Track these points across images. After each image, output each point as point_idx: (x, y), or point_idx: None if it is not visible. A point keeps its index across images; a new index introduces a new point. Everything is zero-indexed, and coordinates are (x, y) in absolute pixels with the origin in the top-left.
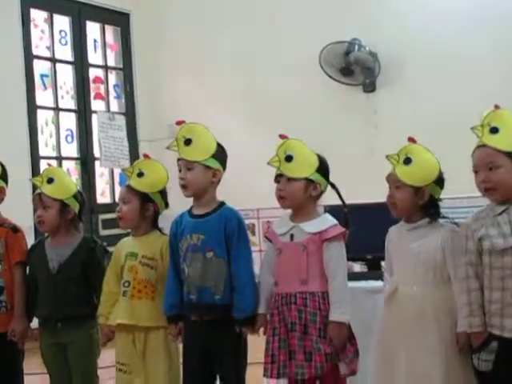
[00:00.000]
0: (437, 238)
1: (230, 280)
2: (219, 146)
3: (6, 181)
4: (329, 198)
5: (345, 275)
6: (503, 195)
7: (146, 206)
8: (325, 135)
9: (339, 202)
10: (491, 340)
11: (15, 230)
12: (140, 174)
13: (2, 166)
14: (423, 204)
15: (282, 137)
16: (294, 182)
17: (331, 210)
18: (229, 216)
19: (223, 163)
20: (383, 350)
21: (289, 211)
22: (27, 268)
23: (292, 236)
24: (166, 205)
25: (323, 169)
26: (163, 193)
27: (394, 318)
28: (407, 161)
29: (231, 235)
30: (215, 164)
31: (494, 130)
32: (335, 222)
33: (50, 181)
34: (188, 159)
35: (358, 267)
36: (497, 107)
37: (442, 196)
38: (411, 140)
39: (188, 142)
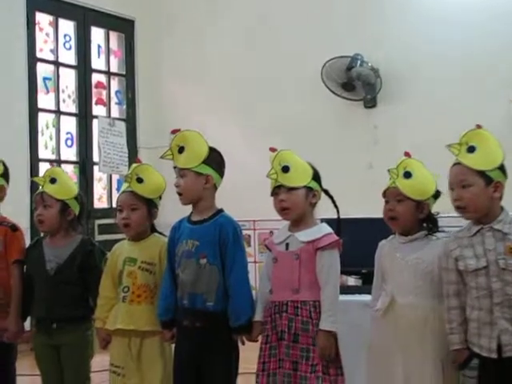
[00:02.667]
0: (434, 251)
1: (224, 287)
2: (214, 151)
3: (7, 180)
4: (323, 211)
5: (337, 284)
6: (473, 214)
7: (151, 212)
8: (325, 149)
9: (333, 216)
10: (473, 357)
11: (14, 228)
12: (139, 180)
13: (4, 165)
14: (422, 217)
15: (272, 150)
16: (294, 192)
17: (327, 223)
18: (224, 224)
19: (218, 169)
20: (378, 362)
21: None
22: (25, 267)
23: (287, 245)
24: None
25: (317, 176)
26: (160, 197)
27: (391, 329)
28: (407, 175)
29: (225, 243)
30: (207, 170)
31: (471, 149)
32: (330, 230)
33: (53, 181)
34: (180, 166)
35: (352, 281)
36: (478, 127)
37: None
38: (407, 154)
39: (181, 149)
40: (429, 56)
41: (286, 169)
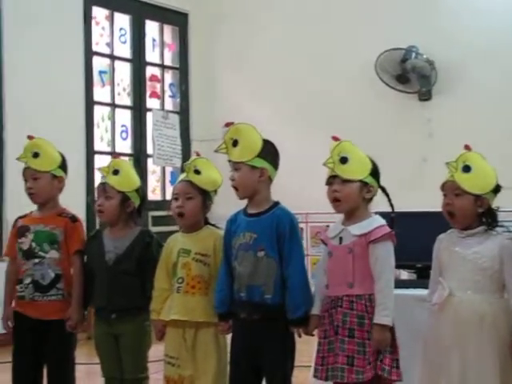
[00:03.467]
0: (494, 245)
1: (281, 280)
2: (268, 143)
3: (65, 171)
4: (377, 205)
5: (390, 277)
6: None
7: (206, 204)
8: (378, 142)
9: (388, 209)
10: None
11: (74, 219)
12: (197, 172)
13: (63, 157)
14: (481, 212)
15: (334, 138)
16: (349, 184)
17: (381, 216)
18: (281, 216)
19: (273, 161)
20: (434, 356)
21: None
22: (85, 257)
23: (341, 239)
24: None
25: (376, 172)
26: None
27: (448, 323)
28: (466, 168)
29: (283, 235)
30: (261, 163)
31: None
32: (383, 222)
33: (116, 172)
34: (234, 160)
35: (405, 275)
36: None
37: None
38: (467, 148)
39: (235, 143)
40: (485, 48)
41: (344, 160)
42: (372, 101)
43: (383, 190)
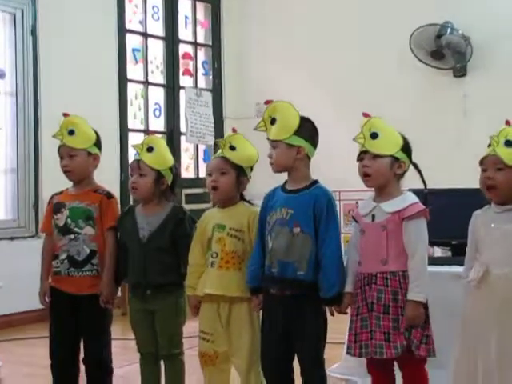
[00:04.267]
0: None
1: (316, 257)
2: (307, 122)
3: (100, 149)
4: (410, 182)
5: (424, 254)
6: None
7: (240, 179)
8: (412, 119)
9: (420, 186)
10: None
11: (109, 196)
12: (232, 148)
13: (97, 134)
14: None
15: (365, 115)
16: (379, 159)
17: (415, 193)
18: (319, 194)
19: (310, 139)
20: (472, 333)
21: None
22: (118, 234)
23: (373, 216)
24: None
25: (407, 148)
26: (252, 168)
27: (485, 300)
28: (508, 143)
29: (320, 214)
30: (298, 141)
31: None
32: (416, 199)
33: (150, 149)
34: (271, 138)
35: (439, 251)
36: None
37: None
38: (508, 123)
39: (273, 121)
40: None
41: (374, 135)
42: (407, 77)
43: (415, 166)
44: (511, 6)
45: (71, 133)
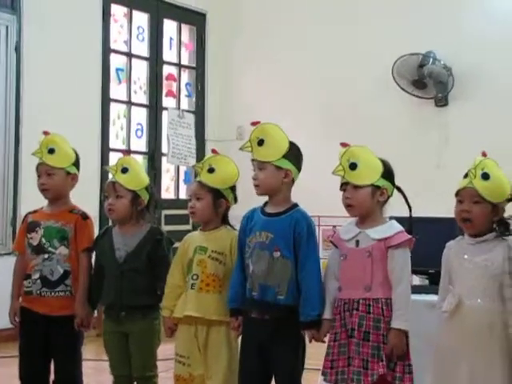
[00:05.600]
0: (503, 251)
1: (296, 282)
2: (293, 145)
3: (78, 168)
4: (393, 209)
5: (409, 283)
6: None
7: (219, 202)
8: (394, 146)
9: (404, 214)
10: None
11: (85, 216)
12: (211, 170)
13: (76, 154)
14: (495, 220)
15: (343, 145)
16: (360, 190)
17: (396, 221)
18: (299, 218)
19: (297, 163)
20: (444, 363)
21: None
22: (93, 255)
23: (358, 242)
24: (235, 199)
25: (388, 173)
26: (234, 188)
27: (458, 331)
28: (485, 176)
29: (300, 238)
30: (286, 164)
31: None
32: (401, 228)
33: (125, 170)
34: (260, 160)
35: (417, 280)
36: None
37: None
38: (484, 154)
39: (261, 142)
40: (502, 55)
41: (353, 166)
42: (389, 105)
43: (399, 189)
44: (493, 38)
45: (51, 151)
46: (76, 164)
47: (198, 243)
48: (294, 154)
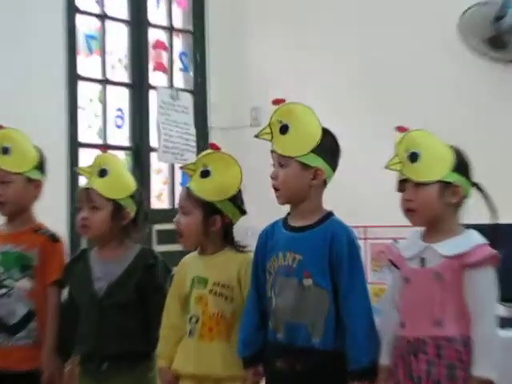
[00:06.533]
0: None
1: (336, 318)
2: (328, 134)
3: (43, 173)
4: (470, 215)
5: (494, 315)
6: None
7: (212, 219)
8: (468, 129)
9: (485, 221)
10: None
11: (54, 238)
12: (205, 173)
13: (41, 154)
14: None
15: (400, 129)
16: (424, 188)
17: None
18: (337, 232)
19: (331, 159)
20: None
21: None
22: (66, 288)
23: (423, 260)
24: (243, 212)
25: (462, 165)
26: (236, 198)
27: None
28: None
29: (339, 259)
30: (316, 161)
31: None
32: (482, 240)
33: (103, 173)
34: (281, 153)
35: (506, 311)
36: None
37: None
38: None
39: (284, 128)
40: None
41: (414, 157)
42: (455, 74)
43: (478, 187)
44: None
45: (5, 151)
46: (40, 167)
47: (195, 272)
48: (328, 147)
